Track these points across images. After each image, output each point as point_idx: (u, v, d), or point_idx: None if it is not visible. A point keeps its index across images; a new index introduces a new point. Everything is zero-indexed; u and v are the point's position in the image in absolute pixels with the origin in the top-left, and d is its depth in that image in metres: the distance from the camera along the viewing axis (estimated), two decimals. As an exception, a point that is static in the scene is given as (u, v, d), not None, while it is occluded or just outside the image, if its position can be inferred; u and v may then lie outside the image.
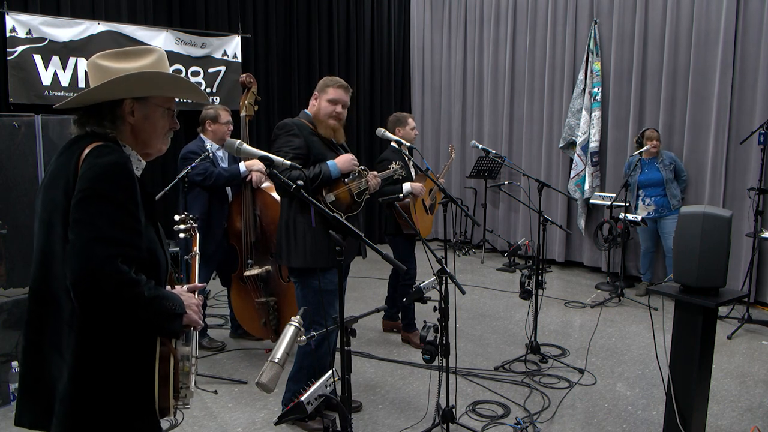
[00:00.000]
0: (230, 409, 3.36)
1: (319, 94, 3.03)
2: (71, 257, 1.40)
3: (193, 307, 1.63)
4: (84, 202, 1.43)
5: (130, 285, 1.42)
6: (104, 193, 1.44)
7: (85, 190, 1.43)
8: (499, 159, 4.44)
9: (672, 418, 2.58)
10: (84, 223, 1.41)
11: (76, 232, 1.41)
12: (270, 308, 3.85)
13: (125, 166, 1.49)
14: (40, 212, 1.54)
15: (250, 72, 6.63)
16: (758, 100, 5.15)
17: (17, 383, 1.66)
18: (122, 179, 1.47)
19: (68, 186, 1.47)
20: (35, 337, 1.55)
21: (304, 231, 2.93)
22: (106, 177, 1.45)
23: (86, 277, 1.38)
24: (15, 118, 3.53)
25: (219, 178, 3.87)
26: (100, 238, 1.41)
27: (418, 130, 4.88)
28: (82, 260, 1.38)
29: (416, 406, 3.38)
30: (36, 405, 1.54)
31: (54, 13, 5.43)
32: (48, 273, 1.50)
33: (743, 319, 4.64)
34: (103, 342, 1.49)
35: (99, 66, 1.58)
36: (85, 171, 1.46)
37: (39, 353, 1.54)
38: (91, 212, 1.42)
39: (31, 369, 1.56)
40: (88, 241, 1.40)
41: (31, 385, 1.56)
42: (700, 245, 2.46)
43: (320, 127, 3.02)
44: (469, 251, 7.56)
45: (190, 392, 1.64)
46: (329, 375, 2.00)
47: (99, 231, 1.41)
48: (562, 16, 6.70)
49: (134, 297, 1.43)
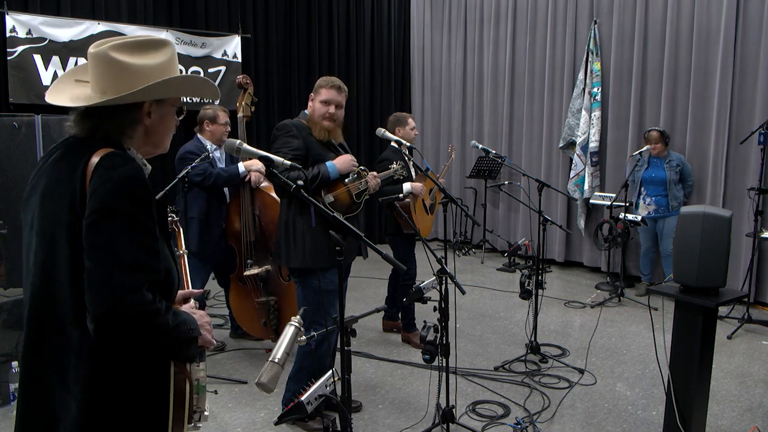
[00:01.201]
0: (230, 409, 3.36)
1: (314, 96, 3.03)
2: (92, 288, 1.28)
3: (206, 327, 1.56)
4: (100, 224, 1.30)
5: (154, 314, 1.33)
6: (122, 212, 1.31)
7: (101, 210, 1.30)
8: (499, 159, 4.44)
9: (672, 418, 2.58)
10: (103, 249, 1.30)
11: (96, 259, 1.29)
12: (270, 308, 3.85)
13: (142, 178, 1.37)
14: (38, 223, 1.40)
15: (250, 72, 6.66)
16: (758, 100, 5.15)
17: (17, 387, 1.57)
18: (140, 194, 1.35)
19: (75, 200, 1.34)
20: (36, 367, 1.41)
21: (303, 231, 2.93)
22: (123, 193, 1.33)
23: (111, 309, 1.28)
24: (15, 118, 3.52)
25: (218, 178, 3.87)
26: (123, 266, 1.30)
27: (418, 130, 4.88)
28: (106, 292, 1.28)
29: (416, 406, 3.38)
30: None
31: (54, 13, 5.43)
32: (51, 295, 1.37)
33: (743, 319, 4.64)
34: (116, 372, 1.38)
35: (116, 61, 1.40)
36: (98, 186, 1.32)
37: (40, 385, 1.41)
38: (110, 236, 1.30)
39: (31, 405, 1.42)
40: (110, 270, 1.29)
41: (30, 423, 1.43)
42: (700, 245, 2.46)
43: (314, 129, 3.01)
44: (469, 251, 7.55)
45: (205, 416, 1.58)
46: (329, 375, 2.00)
47: (120, 258, 1.30)
48: (562, 16, 6.70)
49: (158, 327, 1.35)
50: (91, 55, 1.43)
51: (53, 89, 1.51)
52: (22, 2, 5.29)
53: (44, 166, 1.46)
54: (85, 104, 1.41)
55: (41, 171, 1.46)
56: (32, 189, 1.46)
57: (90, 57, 1.43)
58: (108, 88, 1.40)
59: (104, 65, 1.41)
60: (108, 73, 1.41)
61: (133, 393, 1.40)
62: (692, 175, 5.45)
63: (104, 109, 1.42)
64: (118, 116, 1.43)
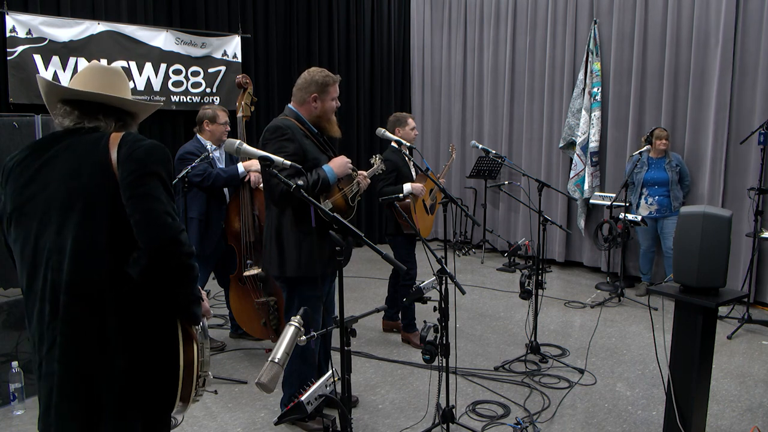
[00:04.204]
0: (230, 409, 3.36)
1: (321, 95, 2.91)
2: (147, 226, 1.48)
3: (203, 297, 1.73)
4: (143, 179, 1.51)
5: (191, 256, 1.55)
6: (158, 172, 1.54)
7: (141, 169, 1.52)
8: (499, 159, 4.44)
9: (672, 418, 2.58)
10: (152, 197, 1.50)
11: (146, 204, 1.49)
12: (270, 308, 3.85)
13: (164, 147, 1.62)
14: (66, 202, 1.52)
15: (250, 72, 6.67)
16: (758, 100, 5.15)
17: (20, 383, 1.64)
18: (167, 160, 1.60)
19: (106, 174, 1.52)
20: (76, 334, 1.51)
21: (298, 240, 2.83)
22: (156, 156, 1.56)
23: (168, 242, 1.49)
24: (15, 118, 3.52)
25: (217, 179, 3.87)
26: (169, 212, 1.52)
27: (418, 130, 4.88)
28: (161, 228, 1.49)
29: (416, 406, 3.38)
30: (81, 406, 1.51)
31: (54, 13, 5.43)
32: (89, 265, 1.51)
33: (743, 319, 4.64)
34: (147, 331, 1.56)
35: (124, 77, 1.78)
36: (131, 153, 1.53)
37: (83, 350, 1.52)
38: (154, 187, 1.52)
39: (74, 369, 1.51)
40: (161, 214, 1.50)
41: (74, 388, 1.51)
42: (700, 245, 2.46)
43: (330, 128, 2.99)
44: (469, 251, 7.56)
45: (210, 379, 1.71)
46: (329, 375, 2.00)
47: (165, 205, 1.52)
48: (562, 16, 6.70)
49: (191, 268, 1.57)
50: (105, 69, 1.77)
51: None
52: (22, 2, 5.29)
53: (38, 159, 1.58)
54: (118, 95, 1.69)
55: (42, 161, 1.57)
56: (27, 181, 1.56)
57: (104, 70, 1.75)
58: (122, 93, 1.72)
59: (119, 79, 1.74)
60: (121, 83, 1.74)
61: (158, 348, 1.58)
62: (689, 175, 5.46)
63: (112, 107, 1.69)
64: (121, 113, 1.70)
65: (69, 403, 1.50)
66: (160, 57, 6.02)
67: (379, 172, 3.60)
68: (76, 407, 1.50)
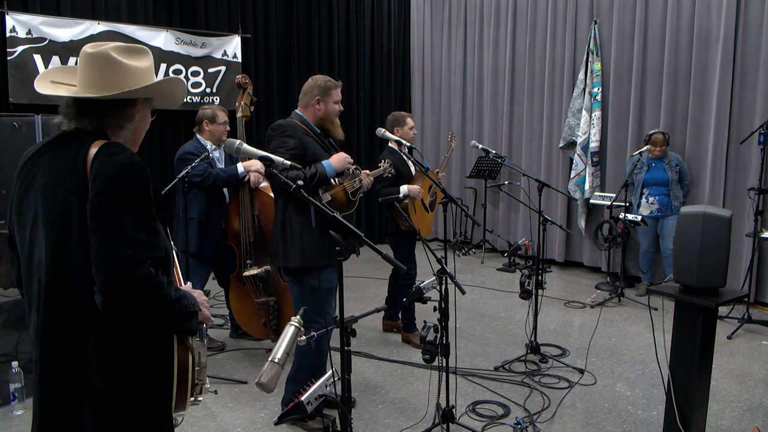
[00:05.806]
0: (230, 409, 3.36)
1: (324, 98, 3.03)
2: (100, 262, 1.37)
3: (205, 304, 1.65)
4: (106, 204, 1.39)
5: (158, 287, 1.42)
6: (125, 194, 1.41)
7: (106, 191, 1.40)
8: (499, 159, 4.44)
9: (672, 418, 2.58)
10: (111, 226, 1.38)
11: (104, 236, 1.38)
12: (270, 308, 3.85)
13: (141, 163, 1.46)
14: (44, 216, 1.46)
15: (250, 72, 6.66)
16: (758, 100, 5.15)
17: (20, 383, 1.62)
18: (141, 178, 1.44)
19: (81, 187, 1.42)
20: (54, 351, 1.48)
21: (301, 231, 2.93)
22: (126, 176, 1.42)
23: (118, 281, 1.36)
24: (15, 118, 3.52)
25: (217, 179, 3.87)
26: (129, 243, 1.39)
27: (417, 130, 4.88)
28: (114, 265, 1.36)
29: (416, 406, 3.38)
30: (63, 423, 1.49)
31: (54, 13, 5.43)
32: (65, 280, 1.45)
33: (743, 319, 4.64)
34: (130, 344, 1.48)
35: (115, 60, 1.52)
36: (101, 170, 1.41)
37: (59, 368, 1.48)
38: (116, 215, 1.39)
39: (52, 388, 1.49)
40: (118, 246, 1.37)
41: (54, 405, 1.49)
42: (700, 245, 2.46)
43: (333, 130, 3.10)
44: (469, 251, 7.55)
45: (206, 388, 1.65)
46: (329, 375, 2.00)
47: (127, 235, 1.39)
48: (562, 16, 6.70)
49: (162, 298, 1.44)
50: (89, 55, 1.53)
51: (39, 88, 1.61)
52: (22, 2, 5.29)
53: (37, 162, 1.53)
54: (92, 95, 1.50)
55: (35, 167, 1.53)
56: (27, 186, 1.53)
57: (88, 57, 1.53)
58: (107, 85, 1.50)
59: (104, 64, 1.51)
60: (107, 71, 1.51)
61: (144, 362, 1.50)
62: (689, 175, 5.46)
63: (101, 105, 1.52)
64: (114, 112, 1.53)
65: (50, 420, 1.50)
66: (160, 57, 6.02)
67: (388, 175, 3.63)
68: (56, 424, 1.50)
